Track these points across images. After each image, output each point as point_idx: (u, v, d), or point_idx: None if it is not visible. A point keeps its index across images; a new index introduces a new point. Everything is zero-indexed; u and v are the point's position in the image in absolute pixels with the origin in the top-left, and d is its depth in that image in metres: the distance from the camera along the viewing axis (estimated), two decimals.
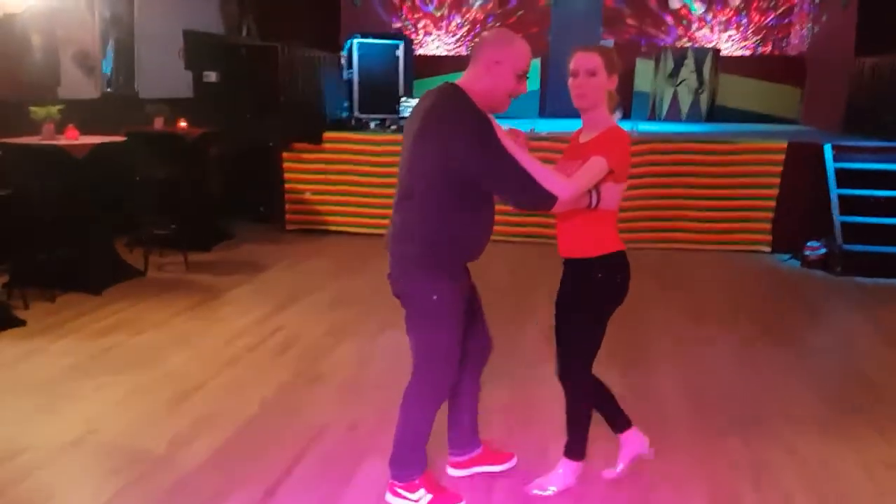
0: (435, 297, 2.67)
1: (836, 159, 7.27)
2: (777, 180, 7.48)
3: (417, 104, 2.70)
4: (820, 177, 7.28)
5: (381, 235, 8.70)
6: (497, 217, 2.80)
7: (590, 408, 2.99)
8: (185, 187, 7.09)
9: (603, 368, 4.41)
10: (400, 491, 2.89)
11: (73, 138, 5.55)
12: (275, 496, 2.96)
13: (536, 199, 2.60)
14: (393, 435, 2.90)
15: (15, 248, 5.40)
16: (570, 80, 2.72)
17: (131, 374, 4.16)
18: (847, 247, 6.82)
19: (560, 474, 3.01)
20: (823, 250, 6.96)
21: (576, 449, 3.00)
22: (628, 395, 4.00)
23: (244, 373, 4.25)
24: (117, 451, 3.30)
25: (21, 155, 5.32)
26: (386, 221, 8.19)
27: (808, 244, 7.04)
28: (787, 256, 7.28)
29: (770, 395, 4.07)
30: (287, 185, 8.20)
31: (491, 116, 2.63)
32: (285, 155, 8.16)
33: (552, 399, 3.84)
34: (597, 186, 2.66)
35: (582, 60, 2.69)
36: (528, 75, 2.64)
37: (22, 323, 4.90)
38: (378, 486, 3.01)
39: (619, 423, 3.13)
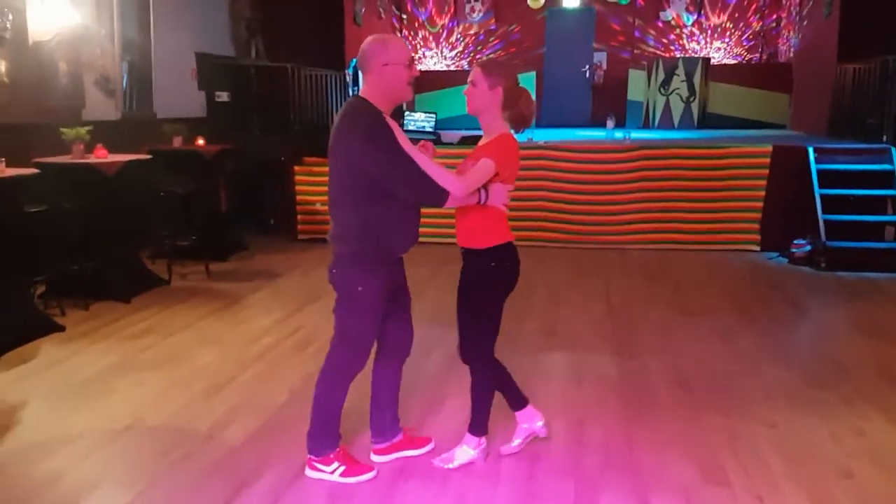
0: (360, 289, 3.03)
1: (818, 161, 7.67)
2: (764, 182, 7.88)
3: (335, 121, 3.02)
4: (804, 178, 7.68)
5: None
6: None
7: (492, 387, 3.33)
8: (204, 201, 7.52)
9: (596, 353, 4.83)
10: (316, 464, 3.23)
11: (103, 157, 5.96)
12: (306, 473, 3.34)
13: (431, 195, 2.94)
14: (411, 421, 3.21)
15: (50, 260, 5.80)
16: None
17: (167, 370, 4.55)
18: (830, 243, 7.21)
19: (464, 450, 3.35)
20: (808, 247, 7.35)
21: (478, 425, 3.33)
22: (619, 377, 4.41)
23: (271, 366, 4.64)
24: (162, 436, 3.68)
25: (56, 173, 5.72)
26: None
27: (794, 242, 7.45)
28: (774, 254, 7.67)
29: (750, 376, 4.45)
30: (298, 198, 8.61)
31: (393, 123, 2.93)
32: (296, 168, 8.57)
33: (553, 382, 4.23)
34: (486, 186, 3.03)
35: (471, 73, 3.13)
36: (413, 61, 3.03)
37: (62, 328, 5.29)
38: (397, 465, 3.38)
39: (517, 401, 3.46)
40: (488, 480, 3.26)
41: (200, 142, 7.67)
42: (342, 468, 3.22)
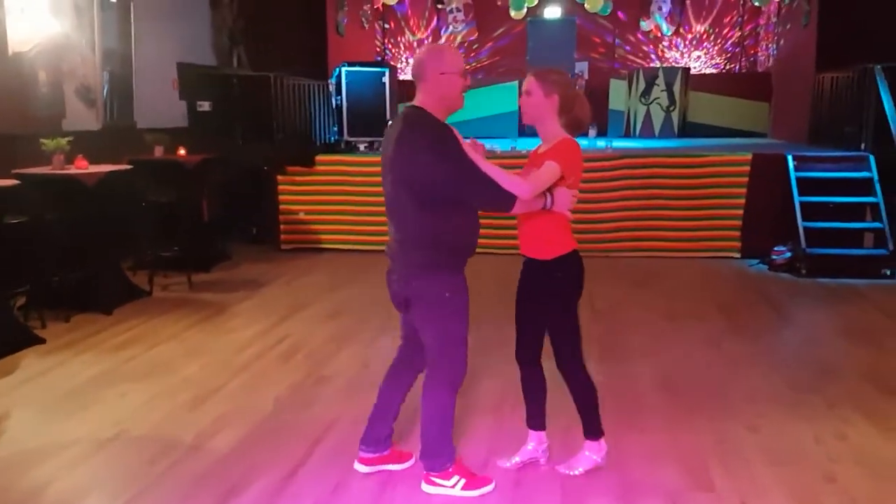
0: (447, 294, 3.01)
1: (797, 169, 7.77)
2: (744, 190, 7.97)
3: (388, 130, 3.06)
4: (784, 186, 7.77)
5: (372, 251, 9.05)
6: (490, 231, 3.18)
7: (592, 387, 3.31)
8: (186, 211, 7.48)
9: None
10: (435, 479, 3.18)
11: (84, 167, 5.92)
12: (295, 479, 3.32)
13: (498, 200, 2.96)
14: (398, 429, 3.18)
15: (31, 272, 5.75)
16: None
17: (152, 381, 4.51)
18: (810, 250, 7.29)
19: (586, 456, 3.34)
20: (789, 254, 7.44)
21: (593, 428, 3.34)
22: (606, 381, 4.42)
23: (256, 376, 4.61)
24: (149, 446, 3.65)
25: (36, 184, 5.67)
26: (376, 238, 8.71)
27: (775, 249, 7.53)
28: (755, 261, 7.75)
29: (735, 380, 4.49)
30: (282, 207, 8.60)
31: (454, 130, 2.98)
32: (280, 178, 8.56)
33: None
34: (550, 190, 3.04)
35: (525, 83, 3.16)
36: (467, 70, 3.05)
37: (42, 341, 5.23)
38: (383, 471, 3.37)
39: (536, 421, 3.45)
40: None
41: (182, 151, 7.64)
42: (463, 481, 3.17)
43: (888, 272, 7.23)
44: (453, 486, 3.16)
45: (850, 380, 4.51)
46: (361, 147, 9.20)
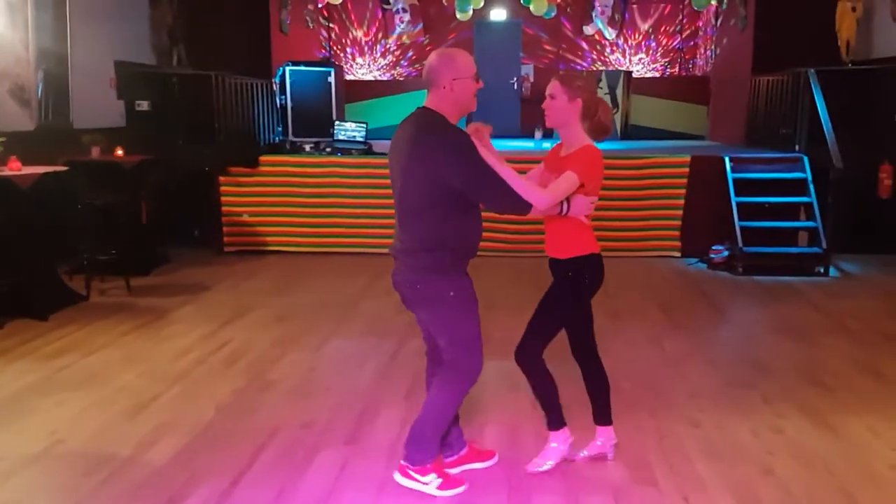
0: (452, 294, 3.04)
1: (734, 170, 7.99)
2: (683, 191, 8.15)
3: (399, 133, 3.07)
4: (721, 187, 7.97)
5: (318, 253, 8.97)
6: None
7: (605, 377, 3.46)
8: (124, 214, 7.29)
9: None
10: (411, 473, 3.18)
11: (17, 169, 5.72)
12: (238, 487, 3.26)
13: (516, 206, 3.01)
14: (346, 432, 3.17)
15: None
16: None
17: (88, 389, 4.38)
18: (747, 249, 7.50)
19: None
20: (726, 253, 7.63)
21: (604, 416, 3.46)
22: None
23: (197, 383, 4.52)
24: (85, 457, 3.54)
25: None
26: (323, 240, 8.64)
27: (713, 248, 7.72)
28: (694, 260, 7.93)
29: (676, 377, 4.59)
30: (224, 209, 8.45)
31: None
32: (222, 179, 8.42)
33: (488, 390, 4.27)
34: (568, 197, 3.09)
35: (548, 86, 3.20)
36: (478, 73, 3.07)
37: None
38: (332, 475, 3.35)
39: (555, 418, 3.45)
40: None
41: (120, 152, 7.46)
42: (439, 481, 3.17)
43: (821, 270, 7.48)
44: (427, 484, 3.17)
45: (785, 375, 4.65)
46: (307, 147, 9.10)
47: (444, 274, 3.04)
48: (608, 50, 13.73)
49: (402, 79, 13.73)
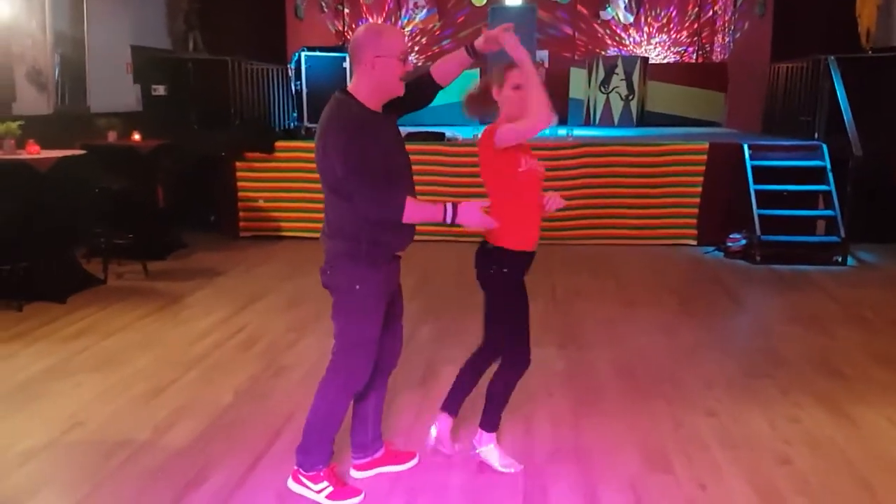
0: (357, 287, 2.86)
1: (752, 157, 7.91)
2: (700, 178, 8.09)
3: (321, 116, 2.86)
4: (739, 174, 7.90)
5: None
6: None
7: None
8: (141, 198, 7.33)
9: (542, 345, 4.87)
10: (303, 479, 3.04)
11: (35, 153, 5.76)
12: (255, 471, 3.28)
13: (381, 212, 2.79)
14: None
15: None
16: None
17: (106, 372, 4.42)
18: (764, 237, 7.44)
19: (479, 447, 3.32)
20: (743, 241, 7.58)
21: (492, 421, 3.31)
22: (566, 370, 4.48)
23: (214, 367, 4.55)
24: (104, 439, 3.58)
25: None
26: None
27: (730, 236, 7.66)
28: (710, 249, 7.88)
29: (691, 366, 4.57)
30: (240, 194, 8.47)
31: (380, 122, 2.82)
32: (238, 164, 8.43)
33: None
34: (455, 203, 2.87)
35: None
36: (408, 54, 2.85)
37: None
38: (347, 460, 3.34)
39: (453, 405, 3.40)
40: (439, 472, 3.27)
41: (136, 137, 7.49)
42: (330, 489, 3.02)
43: (839, 259, 7.41)
44: (319, 492, 3.02)
45: (801, 365, 4.62)
46: None
47: (353, 264, 2.86)
48: (625, 35, 13.61)
49: (419, 63, 13.68)
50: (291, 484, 3.10)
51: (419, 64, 13.19)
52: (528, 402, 4.03)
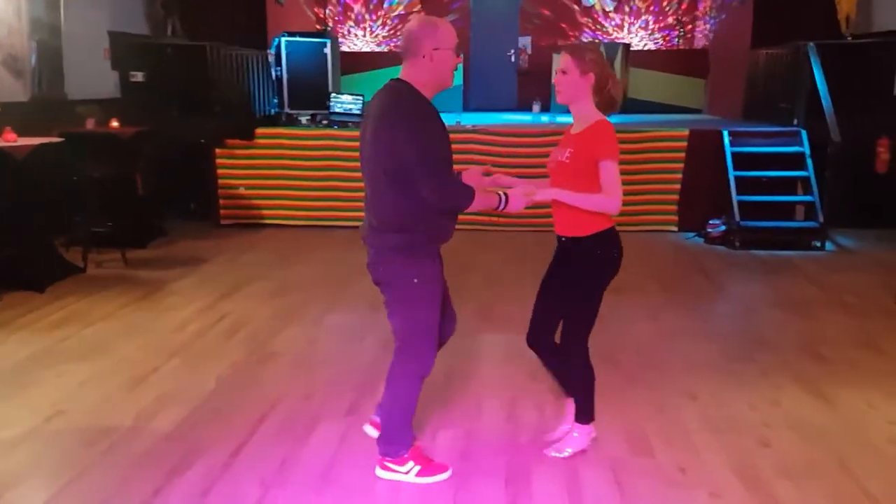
0: (416, 280, 2.92)
1: (732, 144, 7.97)
2: (681, 165, 8.13)
3: (369, 106, 2.94)
4: (719, 161, 7.95)
5: (315, 227, 8.93)
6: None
7: (591, 373, 3.29)
8: (120, 186, 7.25)
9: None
10: (390, 465, 3.12)
11: (12, 140, 5.68)
12: (239, 458, 3.29)
13: (452, 201, 2.87)
14: (346, 404, 3.12)
15: None
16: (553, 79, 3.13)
17: (88, 361, 4.39)
18: (744, 223, 7.51)
19: (576, 438, 3.33)
20: (723, 227, 7.64)
21: (585, 413, 3.32)
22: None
23: (197, 355, 4.53)
24: (87, 427, 3.56)
25: None
26: (320, 213, 8.58)
27: (710, 222, 7.73)
28: (691, 234, 7.94)
29: (674, 351, 4.62)
30: (221, 181, 8.41)
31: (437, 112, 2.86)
32: (218, 151, 8.36)
33: (487, 363, 4.30)
34: (505, 192, 2.99)
35: (559, 60, 3.10)
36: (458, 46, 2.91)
37: None
38: (332, 446, 3.37)
39: (588, 411, 3.39)
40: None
41: (115, 124, 7.41)
42: (418, 468, 3.11)
43: (818, 244, 7.50)
44: (407, 473, 3.11)
45: (782, 348, 4.68)
46: (303, 120, 9.03)
47: (411, 256, 2.91)
48: (607, 22, 13.61)
49: (397, 51, 13.61)
50: (379, 472, 3.15)
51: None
52: (514, 387, 4.06)
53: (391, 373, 3.09)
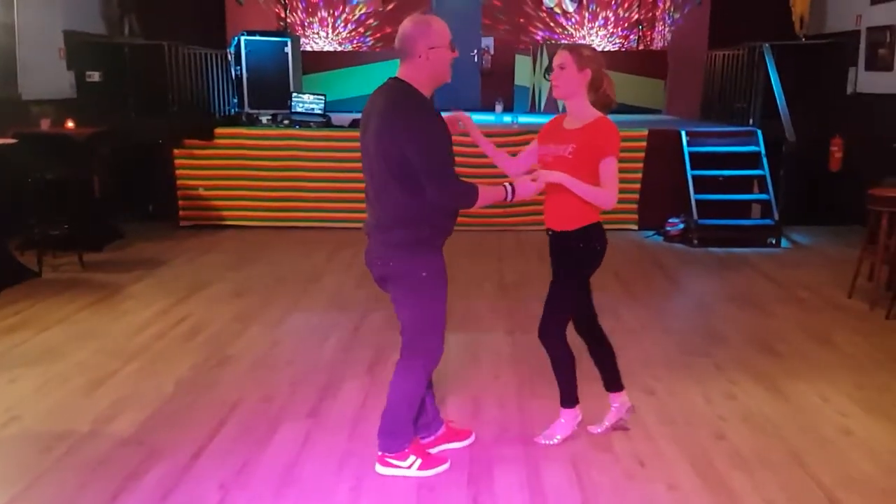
0: (424, 274, 2.94)
1: (690, 144, 8.10)
2: (641, 165, 8.24)
3: (369, 104, 2.95)
4: (678, 160, 8.08)
5: (276, 227, 8.86)
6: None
7: (571, 360, 3.37)
8: (76, 187, 7.11)
9: (490, 330, 4.92)
10: (391, 461, 3.13)
11: None
12: (199, 461, 3.25)
13: (457, 198, 2.92)
14: (308, 406, 3.13)
15: None
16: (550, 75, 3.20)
17: (44, 366, 4.31)
18: (702, 221, 7.64)
19: (563, 424, 3.41)
20: (682, 226, 7.78)
21: (567, 398, 3.40)
22: (513, 354, 4.54)
23: (155, 358, 4.47)
24: (43, 433, 3.49)
25: None
26: (281, 213, 8.53)
27: (669, 221, 7.86)
28: (651, 233, 8.06)
29: (632, 346, 4.66)
30: (179, 182, 8.30)
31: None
32: (176, 152, 8.26)
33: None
34: (512, 183, 3.05)
35: (555, 57, 3.15)
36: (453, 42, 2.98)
37: None
38: (294, 448, 3.35)
39: (613, 383, 3.54)
40: None
41: (70, 124, 7.28)
42: (419, 461, 3.13)
43: (773, 241, 7.66)
44: (409, 467, 3.13)
45: (737, 343, 4.78)
46: (264, 120, 8.97)
47: (419, 251, 2.94)
48: (567, 22, 13.73)
49: (362, 49, 13.57)
50: (379, 468, 3.15)
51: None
52: (475, 385, 4.08)
53: (399, 367, 3.10)
